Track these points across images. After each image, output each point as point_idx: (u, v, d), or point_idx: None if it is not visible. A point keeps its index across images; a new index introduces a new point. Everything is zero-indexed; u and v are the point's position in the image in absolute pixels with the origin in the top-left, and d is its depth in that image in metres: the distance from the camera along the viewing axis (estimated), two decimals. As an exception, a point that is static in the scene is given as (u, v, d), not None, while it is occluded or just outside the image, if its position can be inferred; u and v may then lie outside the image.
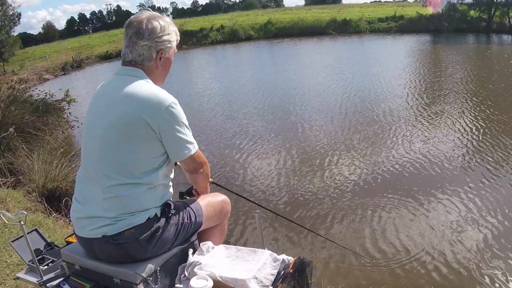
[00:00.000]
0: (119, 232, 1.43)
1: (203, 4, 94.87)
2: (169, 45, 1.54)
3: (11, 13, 33.00)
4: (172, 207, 1.55)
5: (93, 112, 1.54)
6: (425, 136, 6.88)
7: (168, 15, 1.70)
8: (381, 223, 4.29)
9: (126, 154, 1.44)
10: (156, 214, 1.49)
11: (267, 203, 4.93)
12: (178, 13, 79.67)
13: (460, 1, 31.18)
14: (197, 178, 1.67)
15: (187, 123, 1.51)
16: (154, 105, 1.42)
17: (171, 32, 1.55)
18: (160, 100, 1.43)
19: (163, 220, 1.51)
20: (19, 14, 35.44)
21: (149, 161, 1.47)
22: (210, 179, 1.83)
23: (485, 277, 3.32)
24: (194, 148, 1.54)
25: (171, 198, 1.61)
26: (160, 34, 1.50)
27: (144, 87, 1.47)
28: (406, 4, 43.95)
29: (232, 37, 35.03)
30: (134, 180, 1.44)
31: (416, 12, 32.44)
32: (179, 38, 1.61)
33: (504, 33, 25.86)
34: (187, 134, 1.51)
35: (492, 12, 28.49)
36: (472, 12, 29.88)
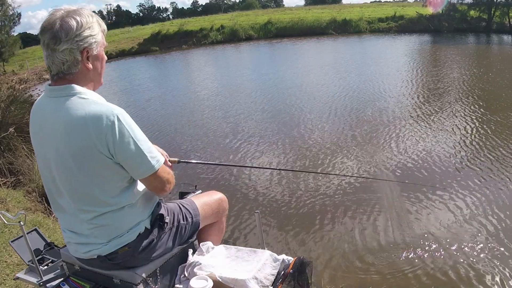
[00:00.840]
0: (113, 251, 1.41)
1: (203, 4, 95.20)
2: (93, 40, 1.33)
3: (11, 13, 33.05)
4: (166, 214, 1.52)
5: (39, 146, 1.40)
6: (418, 136, 6.88)
7: (95, 12, 1.46)
8: (380, 222, 4.28)
9: (91, 187, 1.33)
10: (146, 228, 1.45)
11: (267, 202, 4.94)
12: (178, 13, 79.65)
13: (460, 1, 31.18)
14: (164, 194, 1.49)
15: (140, 134, 1.33)
16: (94, 127, 1.25)
17: (92, 25, 1.33)
18: (98, 119, 1.25)
19: (155, 230, 1.48)
20: (19, 14, 35.41)
21: (119, 185, 1.36)
22: (176, 159, 1.72)
23: (486, 276, 3.32)
24: (156, 163, 1.36)
25: (157, 201, 1.54)
26: (78, 32, 1.28)
27: (79, 108, 1.27)
28: (406, 4, 43.90)
29: (232, 37, 34.99)
30: (111, 207, 1.36)
31: (416, 12, 32.40)
32: (105, 28, 1.40)
33: (504, 33, 25.89)
34: (143, 148, 1.32)
35: (492, 12, 28.49)
36: (472, 12, 29.89)
